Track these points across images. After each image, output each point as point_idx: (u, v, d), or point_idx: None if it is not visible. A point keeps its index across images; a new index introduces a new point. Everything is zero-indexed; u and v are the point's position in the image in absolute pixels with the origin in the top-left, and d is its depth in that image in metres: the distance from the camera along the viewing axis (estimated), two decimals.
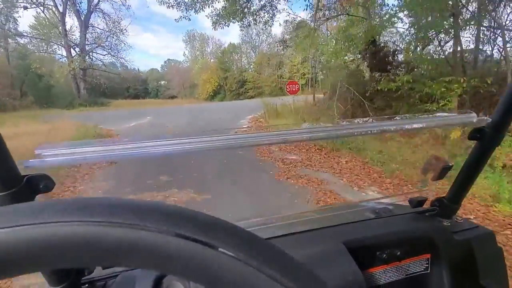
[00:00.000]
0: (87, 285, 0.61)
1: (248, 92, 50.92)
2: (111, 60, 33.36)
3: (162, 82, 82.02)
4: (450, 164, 0.77)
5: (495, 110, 0.67)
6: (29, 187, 0.43)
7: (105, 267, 0.65)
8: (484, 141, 0.70)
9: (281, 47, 21.27)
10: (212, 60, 60.57)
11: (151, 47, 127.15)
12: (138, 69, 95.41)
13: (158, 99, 69.90)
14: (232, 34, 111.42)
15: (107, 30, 29.19)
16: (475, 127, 0.69)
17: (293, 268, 0.21)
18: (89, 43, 29.38)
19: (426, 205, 0.91)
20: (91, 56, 29.37)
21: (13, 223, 0.17)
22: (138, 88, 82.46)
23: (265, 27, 13.78)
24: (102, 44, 29.47)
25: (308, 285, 0.21)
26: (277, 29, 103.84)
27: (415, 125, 0.69)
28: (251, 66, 54.09)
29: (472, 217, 2.93)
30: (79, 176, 5.35)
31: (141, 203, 0.20)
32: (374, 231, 0.80)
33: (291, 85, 12.83)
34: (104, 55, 30.73)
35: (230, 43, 58.05)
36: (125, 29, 29.55)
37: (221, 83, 55.09)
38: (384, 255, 0.74)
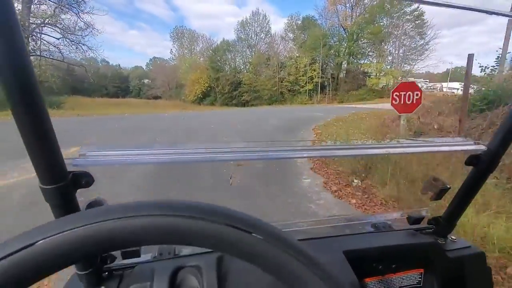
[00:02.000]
0: (106, 273, 0.65)
1: (242, 95, 43.37)
2: (90, 53, 24.40)
3: (146, 81, 72.86)
4: (448, 186, 0.79)
5: (491, 139, 0.70)
6: (74, 182, 0.47)
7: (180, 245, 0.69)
8: (480, 167, 0.72)
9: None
10: (202, 59, 52.50)
11: (136, 45, 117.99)
12: (119, 65, 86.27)
13: (140, 99, 61.49)
14: (225, 30, 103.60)
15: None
16: (472, 154, 0.71)
17: (304, 250, 0.29)
18: (39, 22, 20.78)
19: (423, 223, 0.94)
20: (35, 38, 20.64)
21: (131, 213, 0.25)
22: (118, 86, 73.48)
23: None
24: (50, 22, 20.76)
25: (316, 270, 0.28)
26: (277, 26, 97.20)
27: (413, 149, 0.73)
28: (247, 66, 46.21)
29: None
30: None
31: (203, 204, 0.28)
32: (372, 243, 0.81)
33: (403, 92, 5.25)
34: (59, 39, 22.08)
35: (224, 39, 50.01)
36: (82, 0, 20.91)
37: (212, 84, 47.19)
38: (380, 267, 0.79)
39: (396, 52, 32.55)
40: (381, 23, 31.68)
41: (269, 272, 0.27)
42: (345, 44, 34.09)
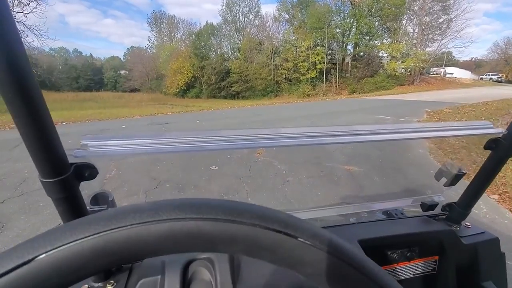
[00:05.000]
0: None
1: (232, 86, 36.97)
2: (28, 34, 17.41)
3: (122, 72, 64.93)
4: (464, 171, 0.76)
5: (511, 122, 0.68)
6: (76, 174, 0.44)
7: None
8: (499, 152, 0.70)
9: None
10: (183, 46, 45.13)
11: (112, 35, 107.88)
12: (91, 54, 77.01)
13: (116, 92, 53.83)
14: (203, 18, 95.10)
15: None
16: (491, 138, 0.70)
17: (356, 253, 0.25)
18: None
19: (437, 209, 0.91)
20: None
21: (153, 218, 0.21)
22: (91, 78, 64.87)
23: None
24: None
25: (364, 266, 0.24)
26: (269, 8, 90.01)
27: (432, 134, 0.71)
28: (236, 53, 39.55)
29: None
30: None
31: (237, 204, 0.23)
32: (387, 231, 0.80)
33: None
34: None
35: (208, 22, 42.92)
36: None
37: (197, 74, 40.40)
38: (395, 255, 0.77)
39: (416, 31, 27.06)
40: None
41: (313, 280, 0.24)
42: (354, 22, 28.20)
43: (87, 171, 0.45)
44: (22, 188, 3.48)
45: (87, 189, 0.53)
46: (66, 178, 0.42)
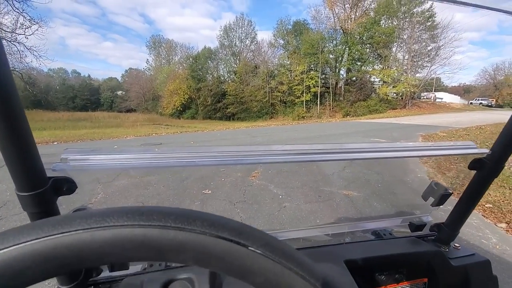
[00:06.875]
0: (92, 286, 0.60)
1: (228, 108, 37.28)
2: (28, 55, 17.79)
3: (119, 93, 65.21)
4: (450, 192, 0.75)
5: (495, 143, 0.67)
6: (54, 188, 0.43)
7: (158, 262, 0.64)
8: (484, 172, 0.69)
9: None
10: (181, 68, 45.94)
11: (111, 57, 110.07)
12: (89, 75, 77.81)
13: (112, 112, 53.74)
14: (201, 43, 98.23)
15: None
16: (475, 158, 0.69)
17: (304, 260, 0.24)
18: None
19: (425, 229, 0.90)
20: None
21: (91, 226, 0.20)
22: (88, 98, 64.97)
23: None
24: None
25: (316, 276, 0.23)
26: (264, 34, 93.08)
27: (418, 153, 0.71)
28: (232, 76, 40.29)
29: None
30: None
31: (189, 211, 0.23)
32: (374, 252, 0.78)
33: None
34: None
35: (205, 47, 44.04)
36: None
37: (193, 96, 40.76)
38: (383, 277, 0.75)
39: (406, 58, 28.04)
40: (387, 25, 27.18)
41: None
42: (346, 49, 29.19)
43: (65, 185, 0.43)
44: (1, 213, 3.20)
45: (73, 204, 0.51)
46: (42, 192, 0.40)
